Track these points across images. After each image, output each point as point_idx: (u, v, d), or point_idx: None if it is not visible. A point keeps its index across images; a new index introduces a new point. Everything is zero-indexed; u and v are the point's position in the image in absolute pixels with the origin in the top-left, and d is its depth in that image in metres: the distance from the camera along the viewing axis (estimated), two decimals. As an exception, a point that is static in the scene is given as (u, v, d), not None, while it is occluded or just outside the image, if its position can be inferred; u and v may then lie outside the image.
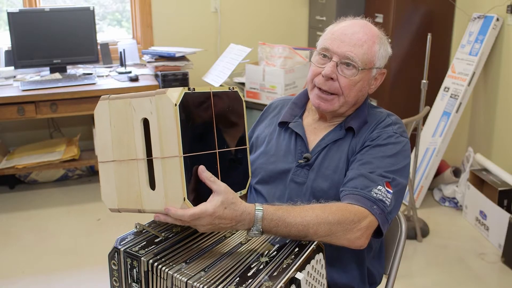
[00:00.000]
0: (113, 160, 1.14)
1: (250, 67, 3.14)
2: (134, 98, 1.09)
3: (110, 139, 1.14)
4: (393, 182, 1.27)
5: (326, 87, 1.34)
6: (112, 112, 1.13)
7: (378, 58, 1.35)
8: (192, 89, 1.06)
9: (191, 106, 1.05)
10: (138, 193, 1.10)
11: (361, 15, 1.43)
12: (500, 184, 2.88)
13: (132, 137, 1.10)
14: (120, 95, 1.13)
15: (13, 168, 3.27)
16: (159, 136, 1.04)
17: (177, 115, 1.01)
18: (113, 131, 1.14)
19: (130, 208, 1.13)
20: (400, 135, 1.35)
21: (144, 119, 1.08)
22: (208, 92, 1.11)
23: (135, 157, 1.10)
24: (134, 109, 1.09)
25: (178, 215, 1.03)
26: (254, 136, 1.53)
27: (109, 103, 1.14)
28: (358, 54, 1.31)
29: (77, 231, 3.00)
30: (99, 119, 1.16)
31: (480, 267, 2.66)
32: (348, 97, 1.34)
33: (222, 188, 1.07)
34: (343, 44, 1.31)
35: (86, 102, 3.09)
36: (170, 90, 1.03)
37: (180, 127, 1.02)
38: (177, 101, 1.01)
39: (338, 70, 1.32)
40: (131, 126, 1.10)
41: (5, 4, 3.67)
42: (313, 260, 1.08)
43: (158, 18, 3.78)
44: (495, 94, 3.17)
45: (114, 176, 1.14)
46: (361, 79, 1.34)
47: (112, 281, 1.16)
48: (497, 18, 3.08)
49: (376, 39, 1.34)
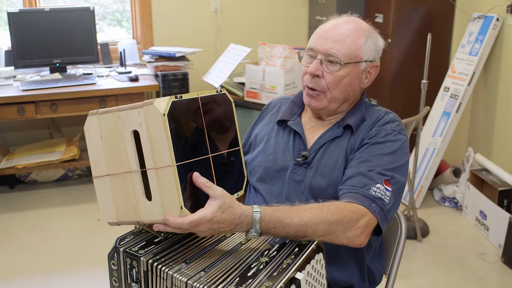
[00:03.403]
0: (108, 174, 1.14)
1: (250, 67, 3.14)
2: (122, 111, 1.09)
3: (102, 154, 1.14)
4: (392, 180, 1.27)
5: (312, 84, 1.36)
6: (102, 127, 1.13)
7: (365, 51, 1.35)
8: (179, 96, 1.06)
9: (180, 114, 1.05)
10: (136, 205, 1.10)
11: (361, 15, 1.43)
12: (500, 184, 2.88)
13: (124, 150, 1.10)
14: (108, 108, 1.12)
15: (13, 168, 3.27)
16: (151, 147, 1.04)
17: (166, 125, 1.01)
18: (105, 146, 1.13)
19: (129, 221, 1.13)
20: (399, 132, 1.35)
21: (134, 131, 1.08)
22: (196, 97, 1.10)
23: (129, 169, 1.10)
24: (123, 122, 1.08)
25: (177, 224, 1.04)
26: (253, 135, 1.54)
27: (98, 118, 1.13)
28: (340, 49, 1.32)
29: (77, 231, 3.00)
30: (90, 134, 1.15)
31: (480, 267, 2.66)
32: (335, 92, 1.35)
33: (218, 193, 1.07)
34: (325, 41, 1.34)
35: (86, 102, 3.09)
36: (157, 100, 1.03)
37: (170, 137, 1.01)
38: (165, 111, 1.01)
39: (323, 67, 1.34)
40: (122, 139, 1.10)
41: (5, 4, 3.67)
42: (313, 260, 1.08)
43: (158, 18, 3.78)
44: (495, 94, 3.17)
45: (110, 190, 1.14)
46: (347, 74, 1.34)
47: (112, 281, 1.16)
48: (497, 18, 3.08)
49: (361, 33, 1.35)
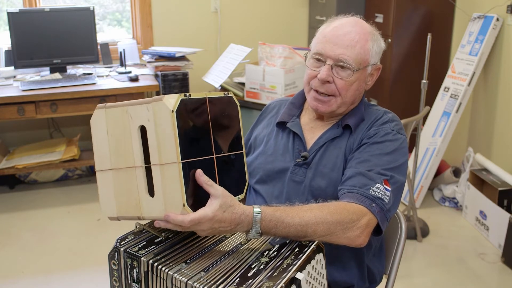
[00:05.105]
0: (111, 168, 1.14)
1: (250, 67, 3.14)
2: (130, 106, 1.09)
3: (107, 148, 1.14)
4: (391, 179, 1.27)
5: (323, 89, 1.35)
6: (108, 121, 1.13)
7: (372, 55, 1.36)
8: (188, 95, 1.06)
9: (188, 112, 1.06)
10: (137, 201, 1.10)
11: (361, 15, 1.43)
12: (500, 184, 2.88)
13: (130, 145, 1.10)
14: (116, 103, 1.13)
15: (13, 168, 3.27)
16: (157, 143, 1.04)
17: (174, 121, 1.02)
18: (110, 140, 1.13)
19: (130, 216, 1.13)
20: (398, 132, 1.35)
21: (141, 126, 1.08)
22: (204, 98, 1.11)
23: (133, 164, 1.10)
24: (131, 117, 1.09)
25: (178, 221, 1.04)
26: (253, 137, 1.53)
27: (105, 112, 1.13)
28: (352, 55, 1.31)
29: (77, 231, 3.00)
30: (96, 128, 1.15)
31: (480, 267, 2.66)
32: (346, 97, 1.35)
33: (219, 192, 1.07)
34: (336, 46, 1.32)
35: (86, 102, 3.09)
36: (166, 97, 1.03)
37: (177, 134, 1.02)
38: (174, 108, 1.02)
39: (333, 72, 1.33)
40: (128, 134, 1.10)
41: (5, 4, 3.67)
42: (313, 260, 1.08)
43: (158, 18, 3.78)
44: (495, 94, 3.17)
45: (112, 185, 1.14)
46: (357, 79, 1.35)
47: (112, 281, 1.16)
48: (497, 18, 3.08)
49: (368, 36, 1.34)
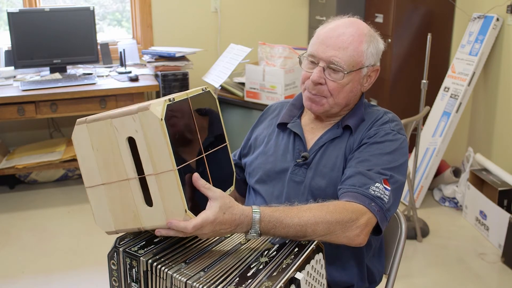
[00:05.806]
0: (103, 183, 1.11)
1: (250, 67, 3.14)
2: (114, 118, 1.05)
3: (95, 163, 1.10)
4: (391, 179, 1.27)
5: (315, 91, 1.35)
6: (92, 136, 1.09)
7: (367, 57, 1.34)
8: (172, 99, 1.04)
9: (174, 116, 1.04)
10: (135, 212, 1.09)
11: (361, 15, 1.43)
12: (500, 184, 2.88)
13: (119, 157, 1.07)
14: (97, 115, 1.08)
15: (13, 168, 3.27)
16: (149, 153, 1.02)
17: (165, 129, 1.00)
18: (97, 155, 1.10)
19: (129, 228, 1.12)
20: (398, 132, 1.35)
21: (129, 138, 1.05)
22: (186, 98, 1.10)
23: (126, 177, 1.07)
24: (116, 129, 1.05)
25: (181, 227, 1.03)
26: (253, 137, 1.53)
27: (87, 127, 1.09)
28: (343, 57, 1.30)
29: (77, 231, 3.00)
30: (79, 144, 1.11)
31: (480, 267, 2.66)
32: (338, 99, 1.35)
33: (217, 194, 1.07)
34: (328, 48, 1.31)
35: (86, 102, 3.09)
36: (152, 105, 1.01)
37: (169, 141, 1.00)
38: (162, 116, 1.00)
39: (325, 74, 1.33)
40: (116, 146, 1.06)
41: (5, 4, 3.67)
42: (312, 260, 1.08)
43: (158, 18, 3.78)
44: (495, 94, 3.17)
45: (105, 199, 1.12)
46: (350, 81, 1.34)
47: (112, 281, 1.16)
48: (497, 18, 3.07)
49: (363, 38, 1.33)
